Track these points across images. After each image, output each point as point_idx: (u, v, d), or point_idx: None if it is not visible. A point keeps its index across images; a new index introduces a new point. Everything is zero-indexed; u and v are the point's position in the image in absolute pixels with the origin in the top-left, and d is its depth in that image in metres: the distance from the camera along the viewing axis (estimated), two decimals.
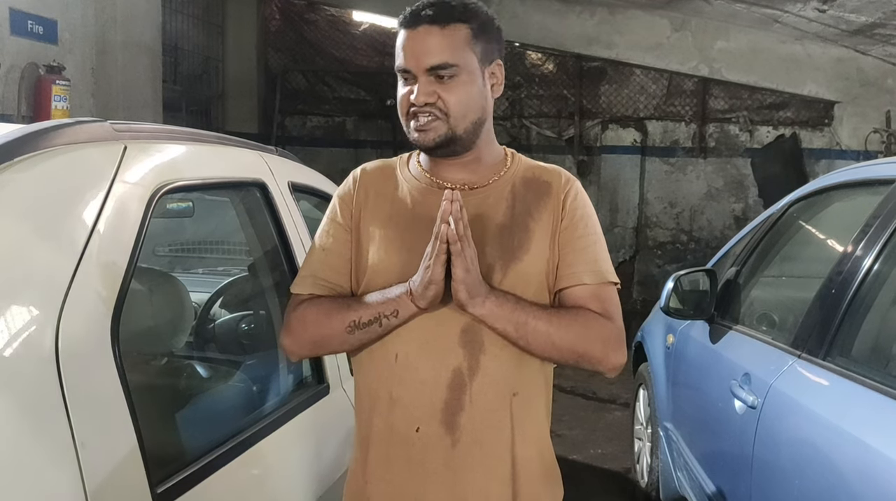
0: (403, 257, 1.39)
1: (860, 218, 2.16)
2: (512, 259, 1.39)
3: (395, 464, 1.39)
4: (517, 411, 1.41)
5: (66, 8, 5.16)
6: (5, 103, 4.73)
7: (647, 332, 3.96)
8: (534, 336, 1.35)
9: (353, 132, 9.13)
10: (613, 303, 1.44)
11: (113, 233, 1.23)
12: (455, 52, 1.37)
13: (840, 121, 8.01)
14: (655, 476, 3.54)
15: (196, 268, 3.03)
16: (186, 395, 1.79)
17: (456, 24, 1.38)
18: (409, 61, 1.38)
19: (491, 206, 1.43)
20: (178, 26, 7.57)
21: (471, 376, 1.37)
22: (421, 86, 1.37)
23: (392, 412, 1.39)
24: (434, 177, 1.47)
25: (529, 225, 1.41)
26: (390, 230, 1.43)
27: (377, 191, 1.48)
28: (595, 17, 8.12)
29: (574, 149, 8.68)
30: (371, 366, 1.43)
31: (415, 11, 1.39)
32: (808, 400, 2.01)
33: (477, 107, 1.41)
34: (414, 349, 1.38)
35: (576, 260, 1.42)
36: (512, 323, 1.34)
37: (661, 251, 8.68)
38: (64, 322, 1.08)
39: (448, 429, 1.37)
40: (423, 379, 1.38)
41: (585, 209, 1.47)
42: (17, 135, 1.23)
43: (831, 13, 6.36)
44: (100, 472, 1.07)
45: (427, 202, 1.43)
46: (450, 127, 1.38)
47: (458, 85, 1.38)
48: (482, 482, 1.39)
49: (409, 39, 1.38)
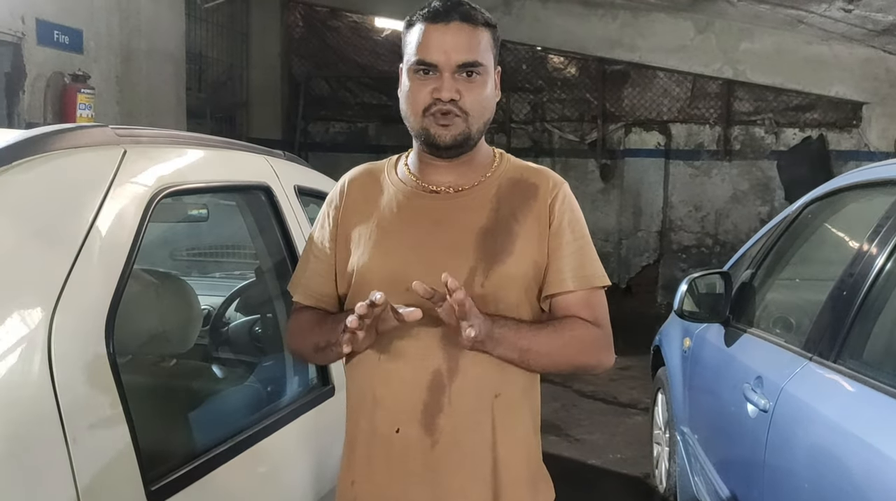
0: (388, 262, 1.40)
1: (873, 219, 2.13)
2: (494, 262, 1.38)
3: (377, 464, 1.40)
4: (499, 413, 1.40)
5: (91, 18, 5.26)
6: (32, 111, 4.83)
7: (664, 336, 3.93)
8: (536, 358, 1.39)
9: (375, 137, 9.19)
10: (602, 307, 1.46)
11: (109, 235, 1.26)
12: (483, 52, 1.39)
13: (868, 123, 7.89)
14: (673, 480, 3.51)
15: (207, 272, 3.07)
16: (187, 395, 1.81)
17: (483, 26, 1.40)
18: (436, 55, 1.36)
19: (474, 209, 1.43)
20: (203, 35, 7.68)
21: (450, 378, 1.37)
22: (447, 82, 1.36)
23: (375, 412, 1.40)
24: (421, 180, 1.47)
25: (513, 227, 1.41)
26: (375, 235, 1.43)
27: (364, 196, 1.49)
28: (617, 20, 8.09)
29: (597, 153, 8.65)
30: (358, 367, 1.44)
31: (445, 7, 1.38)
32: (819, 403, 1.98)
33: (490, 109, 1.43)
34: (396, 350, 1.39)
35: (563, 266, 1.42)
36: (517, 351, 1.37)
37: (686, 255, 8.61)
38: (57, 321, 1.10)
39: (427, 431, 1.37)
40: (404, 379, 1.38)
41: (573, 213, 1.47)
42: (19, 138, 1.26)
43: (857, 13, 6.27)
44: (91, 468, 1.09)
45: (413, 206, 1.44)
46: (467, 125, 1.39)
47: (479, 85, 1.39)
48: (462, 483, 1.39)
49: (438, 33, 1.37)
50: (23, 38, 4.72)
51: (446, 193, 1.44)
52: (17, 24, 4.68)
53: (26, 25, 4.73)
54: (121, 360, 1.22)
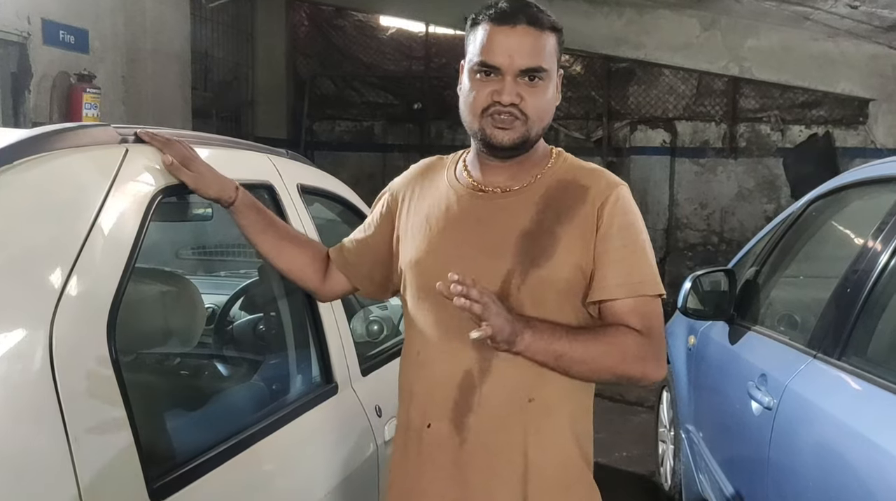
0: (430, 259, 1.44)
1: (877, 216, 2.12)
2: (532, 265, 1.37)
3: (410, 456, 1.45)
4: (533, 417, 1.39)
5: (96, 18, 5.28)
6: (38, 111, 4.85)
7: (669, 333, 3.92)
8: (570, 364, 1.35)
9: (381, 136, 9.19)
10: (654, 316, 1.40)
11: (111, 233, 1.26)
12: (548, 57, 1.38)
13: (875, 119, 7.86)
14: (678, 478, 3.51)
15: (212, 271, 3.08)
16: (190, 393, 1.82)
17: (549, 31, 1.39)
18: (500, 58, 1.36)
19: (519, 211, 1.41)
20: (209, 34, 7.69)
21: (481, 378, 1.38)
22: (509, 86, 1.36)
23: (410, 406, 1.46)
24: (473, 179, 1.47)
25: (556, 231, 1.38)
26: (423, 230, 1.47)
27: (422, 189, 1.53)
28: (623, 17, 8.07)
29: (603, 151, 8.64)
30: (403, 362, 1.51)
31: (513, 9, 1.37)
32: (823, 400, 1.97)
33: (550, 113, 1.44)
34: (432, 347, 1.43)
35: (609, 272, 1.37)
36: (551, 355, 1.34)
37: (692, 253, 8.59)
38: (58, 320, 1.10)
39: (457, 429, 1.39)
40: (437, 377, 1.42)
41: (626, 217, 1.41)
42: (20, 138, 1.27)
43: (863, 9, 6.24)
44: (93, 467, 1.10)
45: (461, 205, 1.45)
46: (527, 129, 1.38)
47: (541, 90, 1.39)
48: (488, 484, 1.39)
49: (502, 36, 1.36)
50: (28, 37, 4.74)
51: (493, 193, 1.44)
52: (23, 24, 4.70)
53: (32, 25, 4.75)
54: (124, 358, 1.22)
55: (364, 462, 1.90)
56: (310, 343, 1.92)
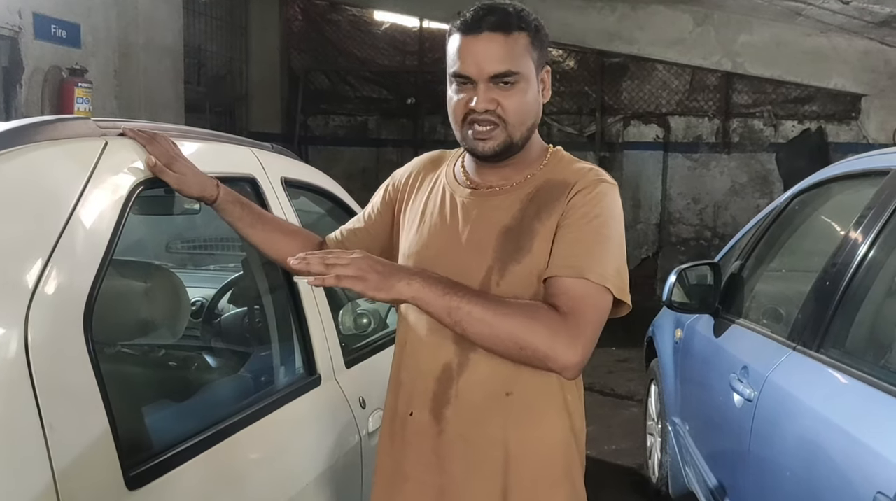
0: (423, 253, 1.47)
1: (856, 209, 2.14)
2: (510, 261, 1.38)
3: (395, 441, 1.50)
4: (513, 412, 1.40)
5: (88, 12, 5.27)
6: (29, 106, 4.84)
7: (657, 327, 3.95)
8: (469, 321, 1.27)
9: (375, 131, 9.20)
10: (585, 302, 1.30)
11: (88, 226, 1.27)
12: (517, 59, 1.37)
13: (867, 115, 7.89)
14: (665, 471, 3.53)
15: (201, 264, 3.09)
16: (170, 384, 1.83)
17: (518, 31, 1.38)
18: (469, 68, 1.37)
19: (504, 209, 1.43)
20: (202, 29, 7.68)
21: (459, 371, 1.41)
22: (482, 94, 1.37)
23: (398, 393, 1.51)
24: (469, 178, 1.50)
25: (535, 226, 1.39)
26: (420, 225, 1.51)
27: (424, 183, 1.57)
28: (616, 12, 8.08)
29: (596, 146, 8.66)
30: (395, 351, 1.55)
31: (476, 17, 1.37)
32: (802, 392, 1.99)
33: (533, 113, 1.42)
34: (417, 338, 1.47)
35: (557, 252, 1.35)
36: (443, 307, 1.27)
37: (685, 247, 8.62)
38: (34, 310, 1.12)
39: (436, 419, 1.43)
40: (420, 368, 1.46)
41: (594, 208, 1.37)
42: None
43: (855, 4, 6.26)
44: (68, 453, 1.11)
45: (454, 202, 1.48)
46: (508, 134, 1.39)
47: (517, 92, 1.38)
48: (466, 474, 1.42)
49: (470, 45, 1.37)
50: (20, 32, 4.73)
51: (485, 192, 1.46)
52: (15, 18, 4.70)
53: (23, 20, 4.74)
54: (104, 350, 1.24)
55: (347, 452, 1.92)
56: (293, 335, 1.94)
